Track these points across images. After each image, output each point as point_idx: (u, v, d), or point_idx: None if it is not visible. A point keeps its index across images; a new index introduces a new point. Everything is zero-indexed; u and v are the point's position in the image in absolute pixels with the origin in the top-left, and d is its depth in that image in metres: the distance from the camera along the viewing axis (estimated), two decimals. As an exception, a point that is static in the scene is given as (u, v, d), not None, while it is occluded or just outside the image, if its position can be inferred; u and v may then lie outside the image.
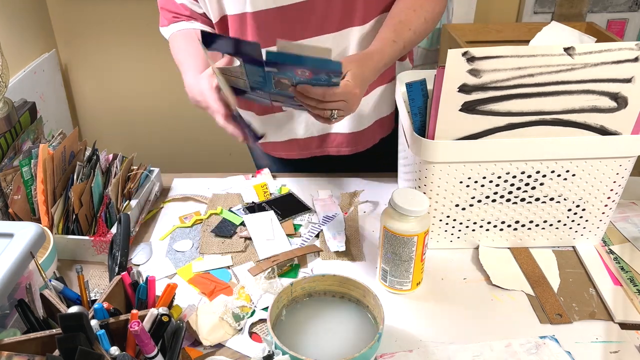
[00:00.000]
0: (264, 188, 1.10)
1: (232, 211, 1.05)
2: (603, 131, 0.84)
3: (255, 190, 1.10)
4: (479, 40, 1.88)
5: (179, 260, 0.94)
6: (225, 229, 1.00)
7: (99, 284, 0.89)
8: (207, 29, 1.07)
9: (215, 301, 0.83)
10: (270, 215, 1.02)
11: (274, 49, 0.77)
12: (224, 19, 1.02)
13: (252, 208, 1.05)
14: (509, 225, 0.93)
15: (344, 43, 1.01)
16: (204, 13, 1.05)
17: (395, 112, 1.15)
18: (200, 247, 0.96)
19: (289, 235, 0.98)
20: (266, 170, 1.16)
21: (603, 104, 0.82)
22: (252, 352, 0.76)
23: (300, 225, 1.01)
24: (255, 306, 0.84)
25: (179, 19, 1.07)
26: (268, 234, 0.98)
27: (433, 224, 0.92)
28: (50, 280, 0.75)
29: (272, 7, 0.96)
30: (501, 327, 0.81)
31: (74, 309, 0.68)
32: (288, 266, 0.92)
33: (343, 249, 0.94)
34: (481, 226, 0.93)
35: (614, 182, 0.88)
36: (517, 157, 0.85)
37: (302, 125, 1.12)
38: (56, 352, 0.61)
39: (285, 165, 1.21)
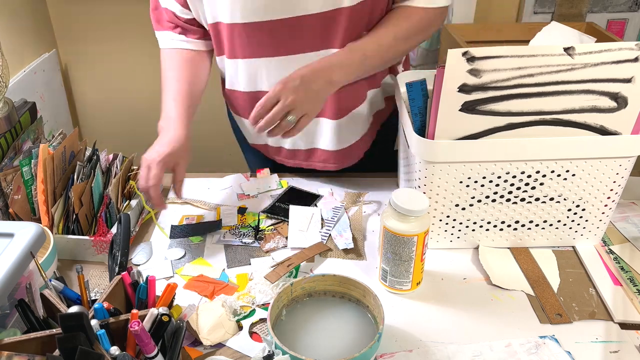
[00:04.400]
0: (249, 215, 1.06)
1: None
2: (603, 131, 0.84)
3: (238, 217, 1.05)
4: (479, 40, 1.88)
5: (179, 262, 0.94)
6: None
7: (99, 284, 0.89)
8: (188, 44, 1.06)
9: (216, 301, 0.83)
10: (314, 211, 1.04)
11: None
12: (217, 25, 1.00)
13: (272, 209, 1.06)
14: (509, 225, 0.93)
15: None
16: (193, 19, 1.03)
17: (386, 119, 1.16)
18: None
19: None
20: (266, 170, 1.16)
21: (603, 104, 0.82)
22: (252, 352, 0.76)
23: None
24: (255, 306, 0.84)
25: (162, 26, 1.06)
26: (303, 226, 1.00)
27: (433, 224, 0.92)
28: (50, 280, 0.75)
29: (261, 20, 0.95)
30: (501, 327, 0.81)
31: (74, 309, 0.68)
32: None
33: (352, 246, 0.95)
34: (481, 226, 0.93)
35: (614, 182, 0.88)
36: (517, 157, 0.85)
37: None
38: (56, 352, 0.61)
39: (277, 169, 1.19)
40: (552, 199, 0.89)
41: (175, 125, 0.97)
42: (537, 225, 0.93)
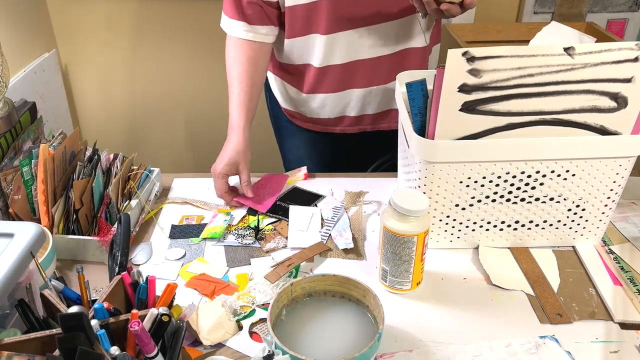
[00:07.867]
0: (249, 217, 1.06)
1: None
2: (603, 131, 0.84)
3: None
4: (479, 40, 1.88)
5: (179, 261, 0.94)
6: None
7: (99, 282, 0.89)
8: (255, 36, 1.11)
9: (216, 301, 0.83)
10: (313, 210, 1.04)
11: None
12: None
13: (272, 208, 1.06)
14: (509, 225, 0.93)
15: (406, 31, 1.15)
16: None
17: None
18: None
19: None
20: (304, 169, 1.17)
21: (603, 104, 0.82)
22: (252, 352, 0.76)
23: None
24: (255, 306, 0.84)
25: (233, 14, 1.10)
26: (303, 226, 1.00)
27: (433, 224, 0.92)
28: (50, 280, 0.75)
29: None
30: (501, 327, 0.81)
31: (74, 309, 0.68)
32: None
33: (351, 246, 0.95)
34: (481, 226, 0.93)
35: (614, 182, 0.88)
36: (517, 157, 0.85)
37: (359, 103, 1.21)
38: (56, 352, 0.61)
39: (316, 143, 1.31)
40: (552, 199, 0.89)
41: (234, 134, 1.09)
42: (537, 225, 0.93)
